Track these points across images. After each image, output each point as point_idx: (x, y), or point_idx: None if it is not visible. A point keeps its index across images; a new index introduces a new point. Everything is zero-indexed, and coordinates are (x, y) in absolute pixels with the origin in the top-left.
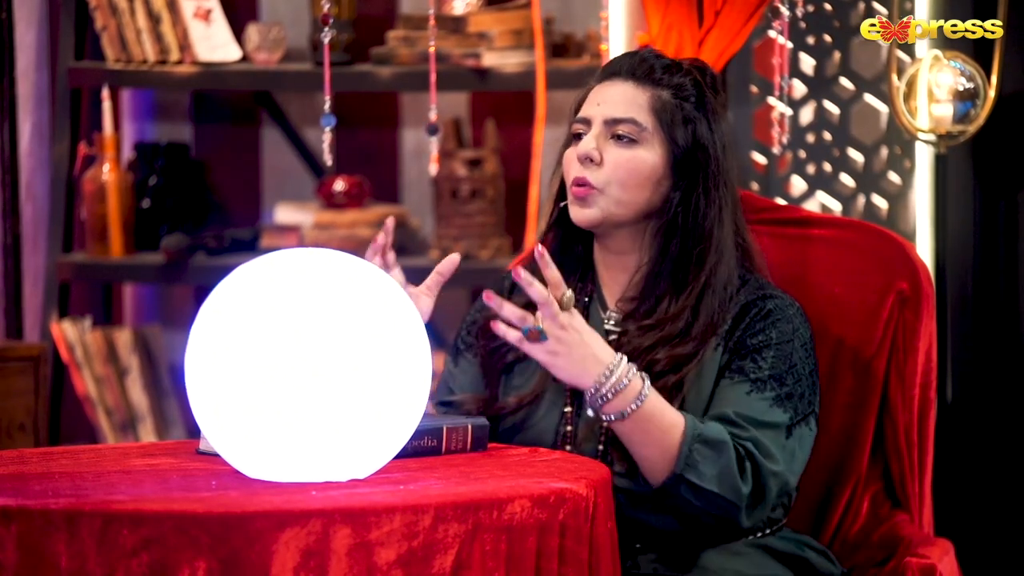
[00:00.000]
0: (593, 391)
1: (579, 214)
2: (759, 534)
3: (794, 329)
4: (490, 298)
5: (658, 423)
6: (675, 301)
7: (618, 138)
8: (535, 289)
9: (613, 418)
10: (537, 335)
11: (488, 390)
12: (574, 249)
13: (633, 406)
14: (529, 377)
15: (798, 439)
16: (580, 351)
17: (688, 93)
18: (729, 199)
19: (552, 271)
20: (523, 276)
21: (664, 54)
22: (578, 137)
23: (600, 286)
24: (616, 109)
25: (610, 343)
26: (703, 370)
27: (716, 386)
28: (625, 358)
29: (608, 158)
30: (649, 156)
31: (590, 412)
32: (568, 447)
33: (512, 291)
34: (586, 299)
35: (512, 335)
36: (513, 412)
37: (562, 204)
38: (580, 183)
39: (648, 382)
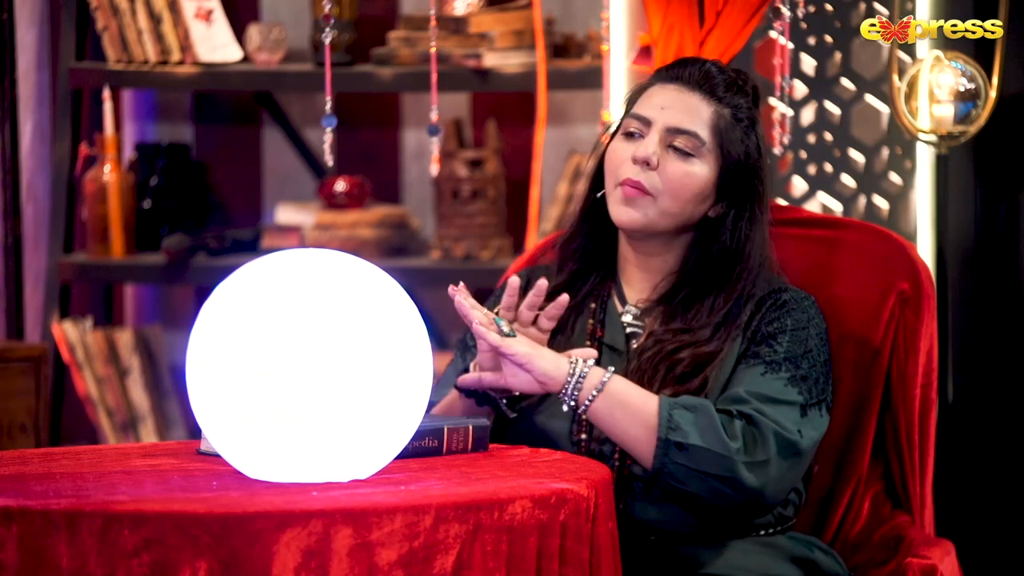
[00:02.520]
0: (568, 378)
1: (623, 215)
2: (770, 530)
3: (809, 318)
4: (455, 292)
5: (629, 399)
6: (708, 312)
7: (676, 149)
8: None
9: (591, 399)
10: (493, 323)
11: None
12: (600, 239)
13: (605, 377)
14: None
15: (811, 421)
16: (545, 350)
17: (744, 115)
18: (766, 218)
19: (476, 313)
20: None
21: (727, 68)
22: (630, 135)
23: (620, 281)
24: (680, 119)
25: (627, 337)
26: (723, 362)
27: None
28: (581, 358)
29: (665, 166)
30: (703, 172)
31: (564, 408)
32: (583, 435)
33: (525, 290)
34: (605, 294)
35: (493, 338)
36: (529, 395)
37: (599, 195)
38: (632, 185)
39: (611, 369)
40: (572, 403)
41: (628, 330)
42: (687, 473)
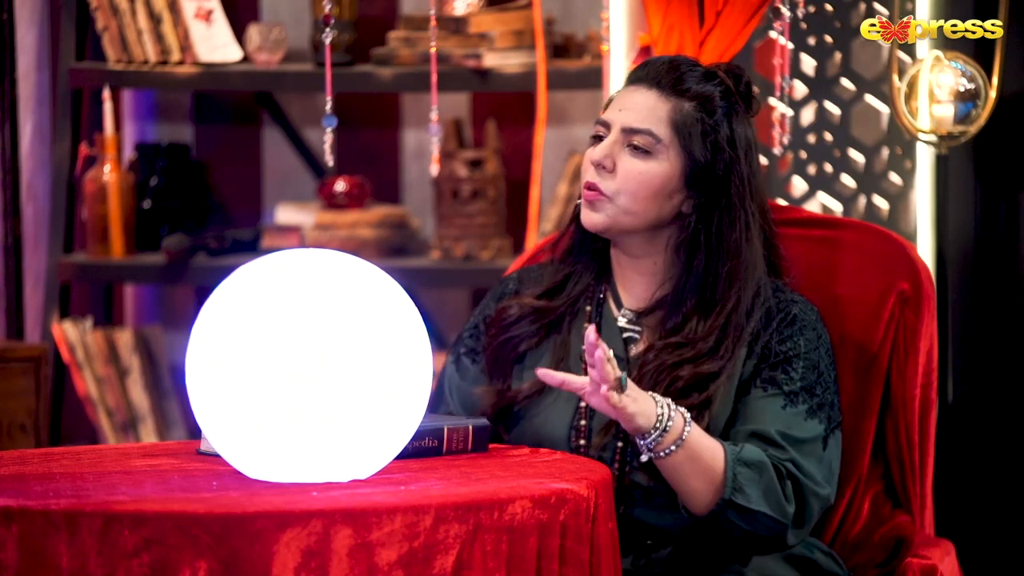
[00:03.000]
0: (652, 430)
1: (587, 218)
2: None
3: (818, 336)
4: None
5: (701, 454)
6: (704, 321)
7: (633, 148)
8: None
9: (667, 452)
10: (618, 383)
11: (500, 381)
12: (592, 245)
13: (684, 434)
14: (540, 363)
15: (832, 450)
16: (646, 406)
17: (714, 105)
18: (756, 212)
19: (601, 353)
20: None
21: (700, 63)
22: (597, 139)
23: (615, 284)
24: (635, 118)
25: (624, 341)
26: (728, 375)
27: (741, 390)
28: (668, 406)
29: (621, 167)
30: (662, 169)
31: (644, 457)
32: (582, 441)
33: (517, 294)
34: (600, 297)
35: (614, 398)
36: (527, 397)
37: (577, 202)
38: (590, 188)
39: (689, 419)
40: (648, 451)
41: (625, 335)
42: (737, 528)
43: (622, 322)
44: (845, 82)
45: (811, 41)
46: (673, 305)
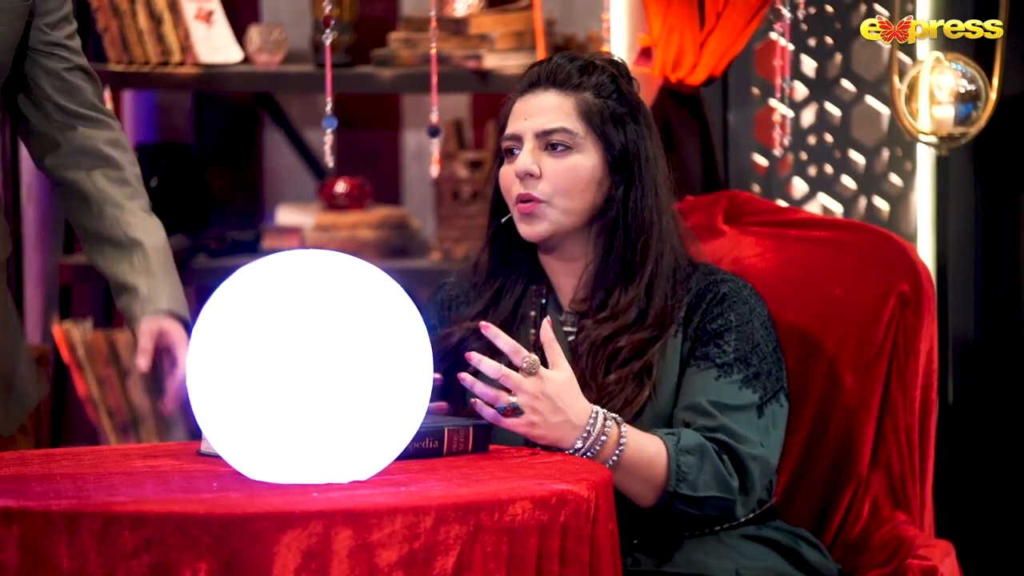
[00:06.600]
0: (572, 452)
1: (529, 230)
2: (750, 515)
3: (751, 309)
4: (470, 359)
5: (641, 459)
6: (625, 292)
7: (552, 147)
8: (498, 371)
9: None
10: (513, 412)
11: (456, 402)
12: (519, 258)
13: (614, 458)
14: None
15: (771, 417)
16: (555, 419)
17: (609, 90)
18: (663, 183)
19: (504, 341)
20: (489, 364)
21: (578, 55)
22: (511, 153)
23: (553, 290)
24: (545, 121)
25: (568, 343)
26: (666, 357)
27: (682, 374)
28: (600, 412)
29: (547, 170)
30: (587, 160)
31: None
32: (538, 447)
33: (453, 301)
34: (543, 301)
35: (488, 412)
36: None
37: (503, 220)
38: (524, 199)
39: (624, 426)
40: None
41: (570, 339)
42: (686, 515)
43: (566, 327)
44: (845, 83)
45: (811, 42)
46: (597, 283)
